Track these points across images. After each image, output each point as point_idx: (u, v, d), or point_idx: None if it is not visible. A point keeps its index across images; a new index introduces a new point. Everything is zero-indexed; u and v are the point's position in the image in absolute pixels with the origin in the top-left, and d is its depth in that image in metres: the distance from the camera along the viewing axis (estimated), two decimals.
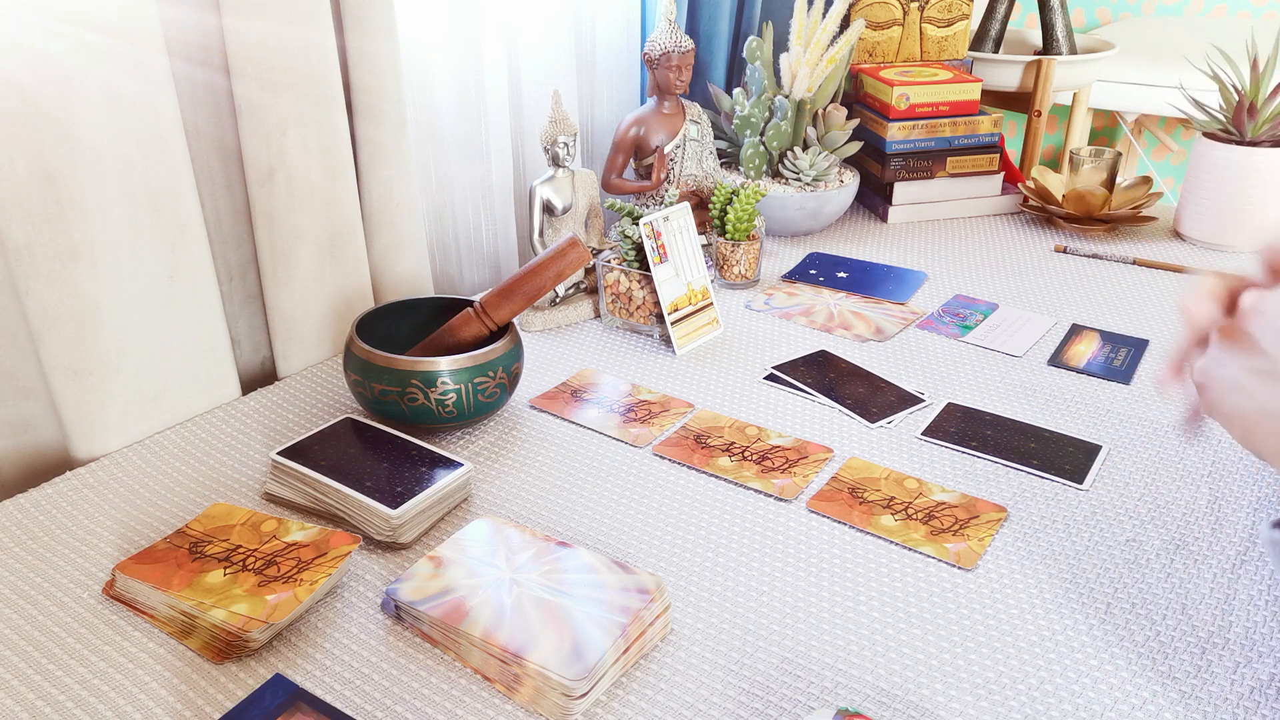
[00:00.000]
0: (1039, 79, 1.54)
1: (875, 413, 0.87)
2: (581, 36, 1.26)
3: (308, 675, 0.59)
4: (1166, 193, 2.43)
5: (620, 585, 0.62)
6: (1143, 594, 0.65)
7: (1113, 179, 1.27)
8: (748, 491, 0.77)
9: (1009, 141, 1.58)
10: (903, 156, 1.31)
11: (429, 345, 0.87)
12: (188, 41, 0.83)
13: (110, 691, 0.58)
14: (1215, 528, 0.72)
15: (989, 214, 1.37)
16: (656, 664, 0.60)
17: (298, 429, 0.86)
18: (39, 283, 0.75)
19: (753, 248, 1.11)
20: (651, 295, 1.00)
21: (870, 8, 1.41)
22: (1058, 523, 0.73)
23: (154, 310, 0.83)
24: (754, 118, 1.25)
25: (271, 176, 0.88)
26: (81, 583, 0.67)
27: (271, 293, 0.92)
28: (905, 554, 0.70)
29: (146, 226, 0.80)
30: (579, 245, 0.86)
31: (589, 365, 0.97)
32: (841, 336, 1.02)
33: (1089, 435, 0.84)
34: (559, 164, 1.04)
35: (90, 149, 0.74)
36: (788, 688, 0.58)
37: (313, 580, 0.63)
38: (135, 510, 0.75)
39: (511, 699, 0.57)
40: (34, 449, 0.82)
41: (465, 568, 0.64)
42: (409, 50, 1.02)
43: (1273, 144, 1.16)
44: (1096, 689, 0.58)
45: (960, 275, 1.17)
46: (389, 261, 1.01)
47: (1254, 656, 0.60)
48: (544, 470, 0.80)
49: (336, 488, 0.71)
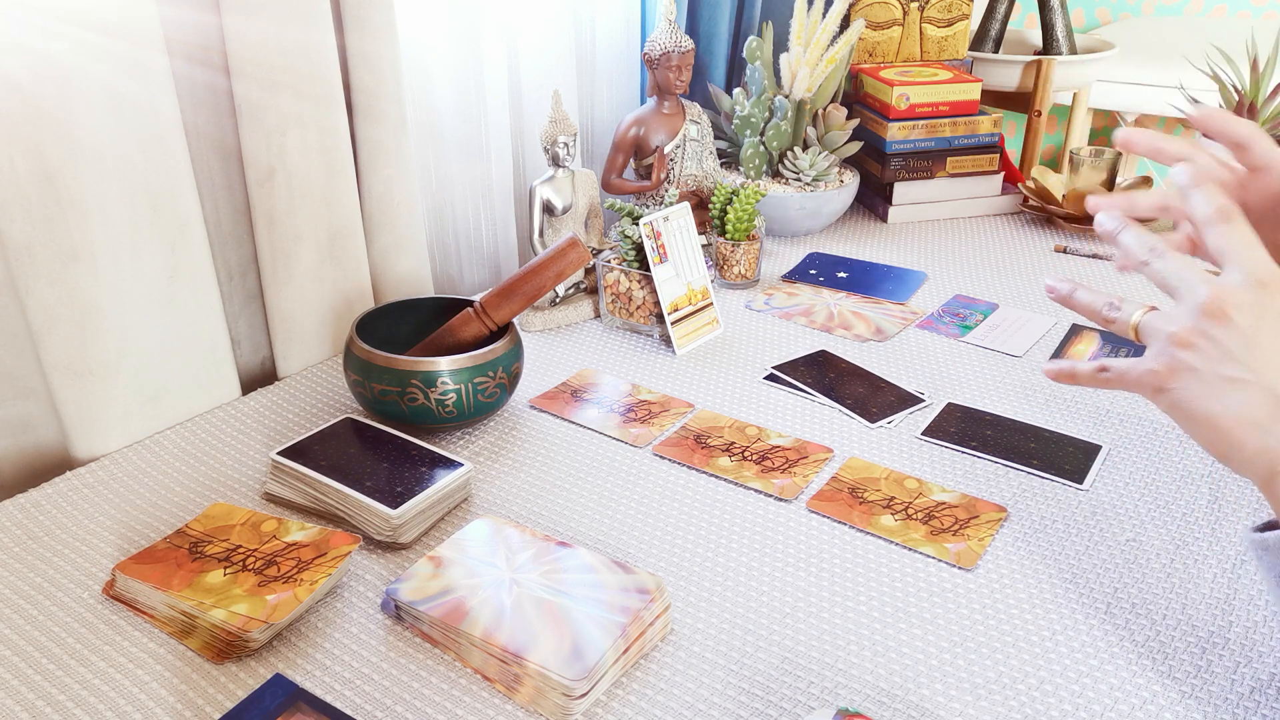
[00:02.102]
0: (1039, 79, 1.54)
1: (875, 413, 0.87)
2: (581, 36, 1.26)
3: (308, 675, 0.59)
4: None
5: (620, 585, 0.62)
6: (1143, 594, 0.65)
7: (1113, 179, 1.27)
8: (748, 491, 0.77)
9: (1009, 141, 1.57)
10: (903, 156, 1.31)
11: (429, 345, 0.87)
12: (188, 41, 0.83)
13: (110, 691, 0.58)
14: (1215, 528, 0.72)
15: (989, 214, 1.37)
16: (656, 664, 0.60)
17: (298, 429, 0.86)
18: (39, 283, 0.75)
19: (753, 248, 1.11)
20: (651, 295, 1.00)
21: (870, 8, 1.41)
22: (1058, 523, 0.73)
23: (154, 310, 0.82)
24: (754, 118, 1.25)
25: (271, 176, 0.88)
26: (81, 583, 0.67)
27: (271, 293, 0.92)
28: (905, 554, 0.70)
29: (146, 226, 0.80)
30: (579, 245, 0.86)
31: (589, 365, 0.97)
32: (841, 336, 1.02)
33: (1089, 435, 0.84)
34: (559, 164, 1.04)
35: (90, 149, 0.74)
36: (788, 688, 0.58)
37: (313, 580, 0.63)
38: (135, 510, 0.75)
39: (511, 699, 0.57)
40: (34, 449, 0.82)
41: (465, 568, 0.64)
42: (409, 50, 1.02)
43: None
44: (1096, 689, 0.58)
45: (960, 275, 1.17)
46: (389, 261, 1.01)
47: (1254, 656, 0.60)
48: (544, 470, 0.80)
49: (336, 488, 0.71)
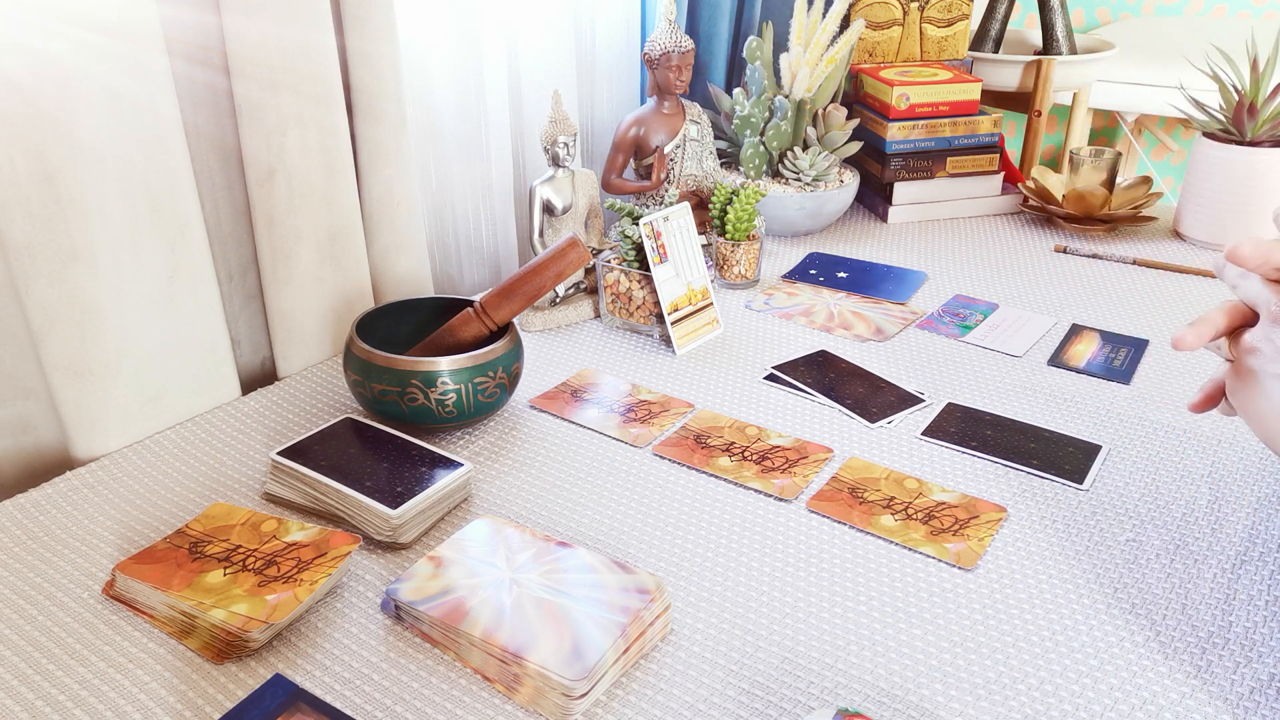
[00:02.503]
0: (1039, 79, 1.54)
1: (875, 413, 0.87)
2: (581, 37, 1.26)
3: (308, 675, 0.59)
4: (1166, 193, 2.43)
5: (620, 585, 0.62)
6: (1143, 594, 0.65)
7: (1113, 179, 1.27)
8: (748, 491, 0.77)
9: (1009, 141, 1.57)
10: (903, 156, 1.31)
11: (429, 345, 0.87)
12: (188, 41, 0.83)
13: (110, 691, 0.58)
14: (1215, 528, 0.72)
15: (989, 214, 1.37)
16: (656, 664, 0.60)
17: (298, 429, 0.86)
18: (39, 283, 0.75)
19: (753, 248, 1.11)
20: (651, 295, 1.00)
21: (870, 8, 1.41)
22: (1058, 523, 0.73)
23: (154, 310, 0.83)
24: (754, 118, 1.25)
25: (271, 176, 0.88)
26: (81, 583, 0.67)
27: (271, 293, 0.92)
28: (905, 554, 0.70)
29: (146, 226, 0.80)
30: (579, 245, 0.86)
31: (589, 365, 0.97)
32: (841, 336, 1.02)
33: (1089, 435, 0.84)
34: (559, 164, 1.04)
35: (90, 149, 0.74)
36: (788, 688, 0.58)
37: (313, 580, 0.63)
38: (135, 510, 0.75)
39: (511, 699, 0.57)
40: (34, 449, 0.82)
41: (465, 568, 0.64)
42: (409, 50, 1.02)
43: (1273, 144, 1.16)
44: (1097, 689, 0.58)
45: (960, 275, 1.17)
46: (389, 261, 1.01)
47: (1254, 656, 0.60)
48: (544, 470, 0.80)
49: (336, 488, 0.71)
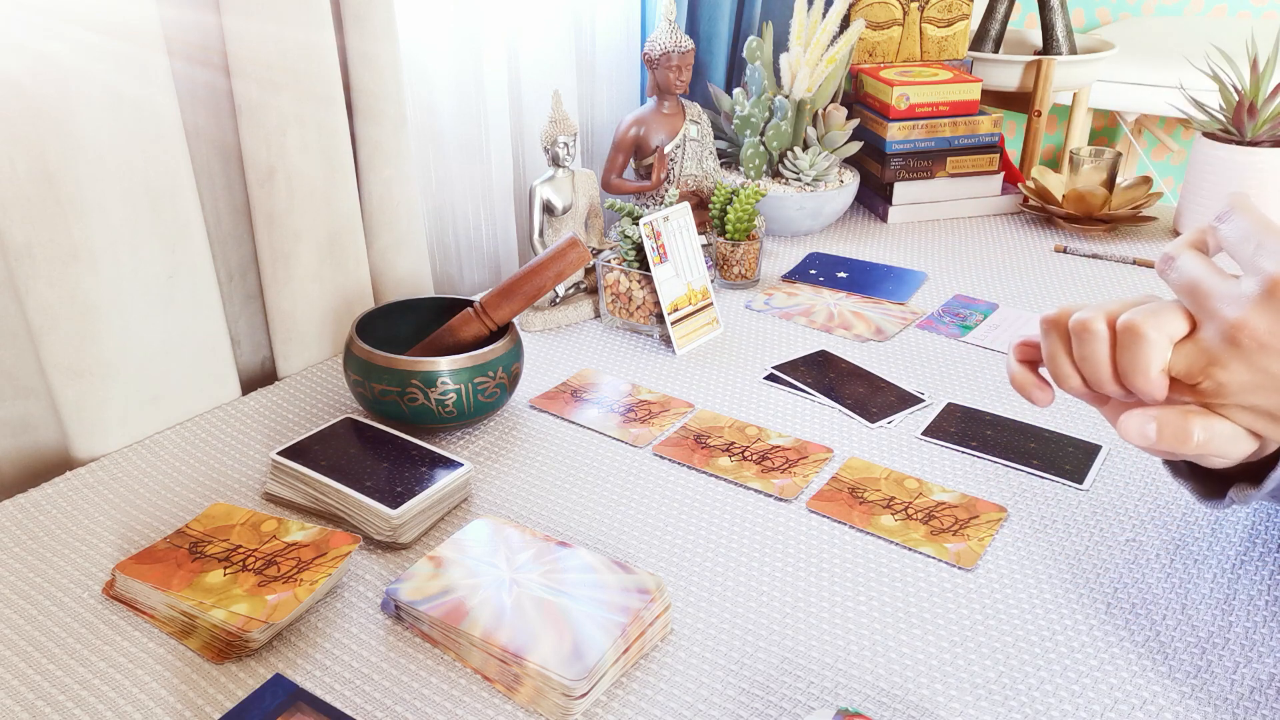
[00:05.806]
0: (1039, 79, 1.54)
1: (875, 413, 0.87)
2: (581, 37, 1.26)
3: (308, 675, 0.59)
4: (1166, 193, 2.43)
5: (620, 585, 0.62)
6: (1143, 594, 0.65)
7: (1113, 179, 1.27)
8: (748, 491, 0.77)
9: (1009, 141, 1.58)
10: (903, 156, 1.31)
11: (429, 345, 0.87)
12: (188, 41, 0.83)
13: (110, 691, 0.58)
14: (1215, 528, 0.72)
15: (989, 214, 1.37)
16: (656, 664, 0.60)
17: (298, 429, 0.86)
18: (39, 283, 0.75)
19: (753, 248, 1.11)
20: (651, 295, 1.00)
21: (870, 8, 1.41)
22: (1058, 523, 0.73)
23: (154, 310, 0.82)
24: (754, 118, 1.25)
25: (271, 176, 0.88)
26: (81, 583, 0.67)
27: (271, 293, 0.92)
28: (905, 554, 0.70)
29: (146, 226, 0.80)
30: (579, 245, 0.86)
31: (589, 365, 0.97)
32: (841, 336, 1.02)
33: (1089, 435, 0.84)
34: (559, 164, 1.04)
35: (90, 149, 0.74)
36: (788, 688, 0.58)
37: (313, 580, 0.63)
38: (135, 510, 0.75)
39: (511, 699, 0.57)
40: (34, 449, 0.82)
41: (465, 568, 0.64)
42: (409, 50, 1.02)
43: (1273, 144, 1.16)
44: (1096, 689, 0.58)
45: (960, 275, 1.17)
46: (389, 261, 1.01)
47: (1254, 656, 0.60)
48: (544, 470, 0.80)
49: (336, 488, 0.71)
